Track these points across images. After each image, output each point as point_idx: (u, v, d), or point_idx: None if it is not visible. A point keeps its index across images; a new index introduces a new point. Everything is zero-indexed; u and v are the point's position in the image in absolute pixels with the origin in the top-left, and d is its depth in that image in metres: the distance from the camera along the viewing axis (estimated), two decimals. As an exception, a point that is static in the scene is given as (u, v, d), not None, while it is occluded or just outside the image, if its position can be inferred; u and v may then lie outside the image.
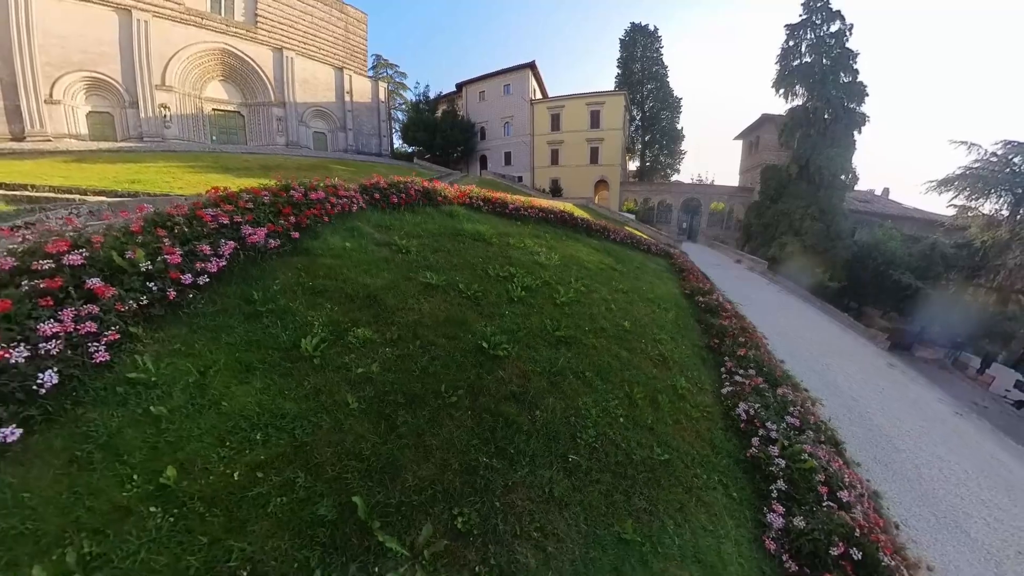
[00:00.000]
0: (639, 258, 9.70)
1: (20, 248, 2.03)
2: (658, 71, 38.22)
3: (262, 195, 3.19)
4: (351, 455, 1.74)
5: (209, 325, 2.11)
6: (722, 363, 4.56)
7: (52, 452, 1.48)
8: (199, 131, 24.24)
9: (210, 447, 1.56)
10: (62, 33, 19.40)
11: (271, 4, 26.66)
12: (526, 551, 1.68)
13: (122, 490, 1.37)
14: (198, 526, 1.33)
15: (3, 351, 1.58)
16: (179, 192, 9.00)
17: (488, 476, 1.92)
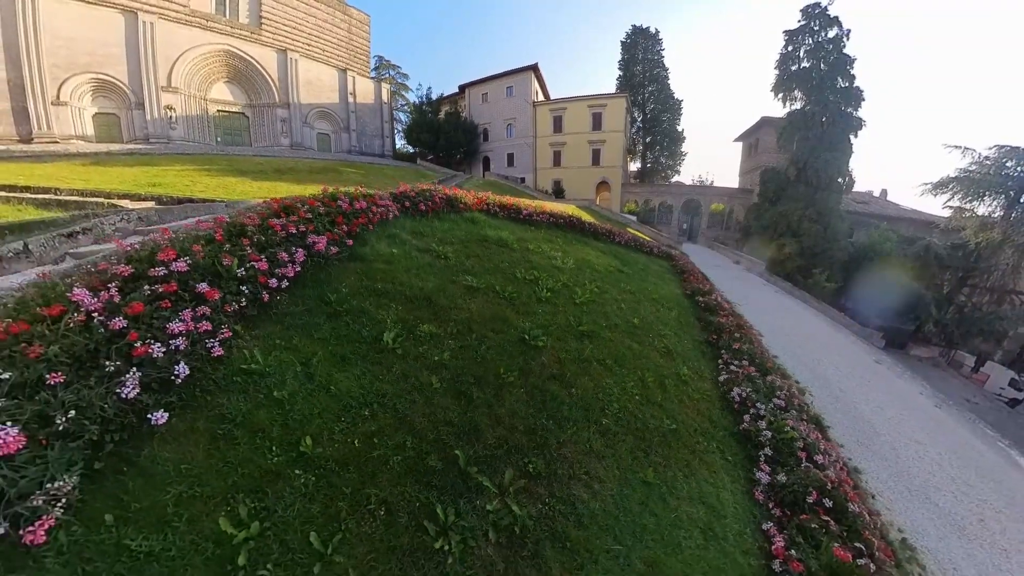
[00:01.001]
0: (643, 260, 10.12)
1: (133, 256, 2.31)
2: (659, 73, 38.50)
3: (316, 206, 3.47)
4: (443, 422, 2.18)
5: (299, 323, 2.41)
6: (719, 355, 5.15)
7: (196, 432, 1.76)
8: (204, 132, 24.43)
9: (330, 422, 1.89)
10: (69, 35, 19.54)
11: (275, 6, 26.89)
12: (579, 488, 2.23)
13: (267, 458, 1.67)
14: (338, 481, 1.66)
15: (145, 347, 1.86)
16: (200, 195, 9.24)
17: (544, 435, 2.46)
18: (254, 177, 11.73)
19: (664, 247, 14.84)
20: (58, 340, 1.72)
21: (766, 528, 2.70)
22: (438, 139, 32.25)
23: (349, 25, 31.66)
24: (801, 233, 19.50)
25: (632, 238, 11.66)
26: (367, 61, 34.47)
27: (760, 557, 2.52)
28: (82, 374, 1.73)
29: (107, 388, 1.70)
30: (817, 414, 4.77)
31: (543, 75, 34.56)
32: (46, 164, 12.01)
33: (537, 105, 33.13)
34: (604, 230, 10.32)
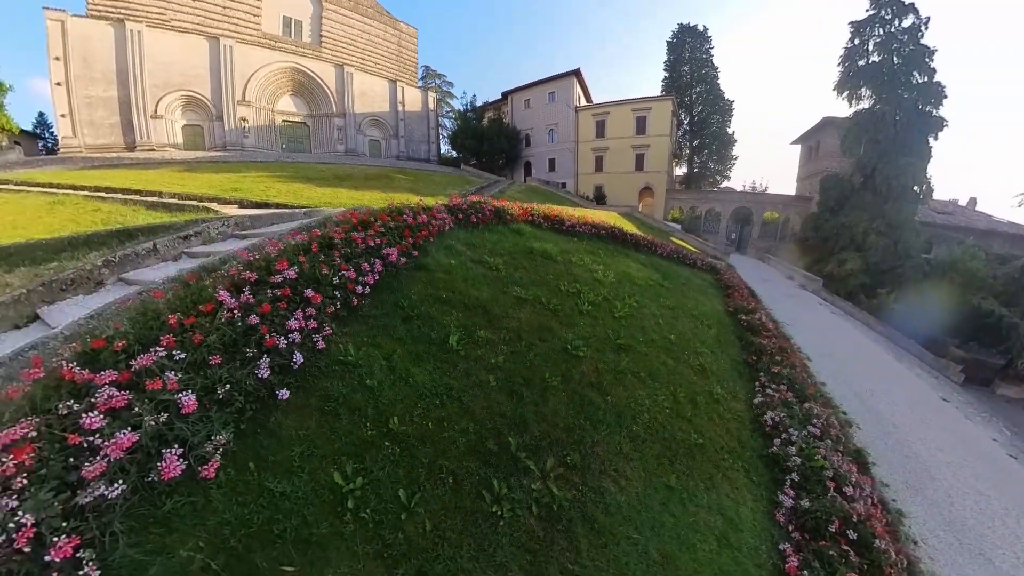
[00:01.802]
0: (685, 273, 9.98)
1: (254, 264, 2.91)
2: (708, 73, 36.99)
3: (387, 220, 4.00)
4: (498, 414, 2.59)
5: (380, 325, 2.91)
6: (757, 377, 5.12)
7: (309, 407, 2.26)
8: (272, 140, 27.07)
9: (410, 407, 2.35)
10: (166, 60, 22.61)
11: (334, 25, 29.31)
12: (608, 482, 2.56)
13: (364, 431, 2.14)
14: (418, 453, 2.10)
15: (273, 339, 2.40)
16: (274, 199, 10.46)
17: (581, 434, 2.79)
18: (318, 183, 13.01)
19: (708, 259, 14.39)
20: (214, 331, 2.28)
21: (782, 548, 2.77)
22: (481, 145, 33.34)
23: (399, 39, 33.74)
24: (866, 247, 17.95)
25: (675, 249, 11.52)
26: (415, 71, 36.39)
27: (772, 573, 2.61)
28: (229, 358, 2.28)
29: (248, 369, 2.24)
30: (860, 448, 4.62)
31: (585, 80, 34.61)
32: (150, 170, 14.06)
33: (579, 110, 33.19)
34: (646, 241, 10.34)
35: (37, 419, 1.80)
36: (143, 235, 4.98)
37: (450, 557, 1.88)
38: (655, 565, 2.22)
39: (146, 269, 4.51)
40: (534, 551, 2.04)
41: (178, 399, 1.92)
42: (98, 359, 2.09)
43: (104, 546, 1.62)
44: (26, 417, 1.81)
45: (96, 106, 21.16)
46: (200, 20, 23.49)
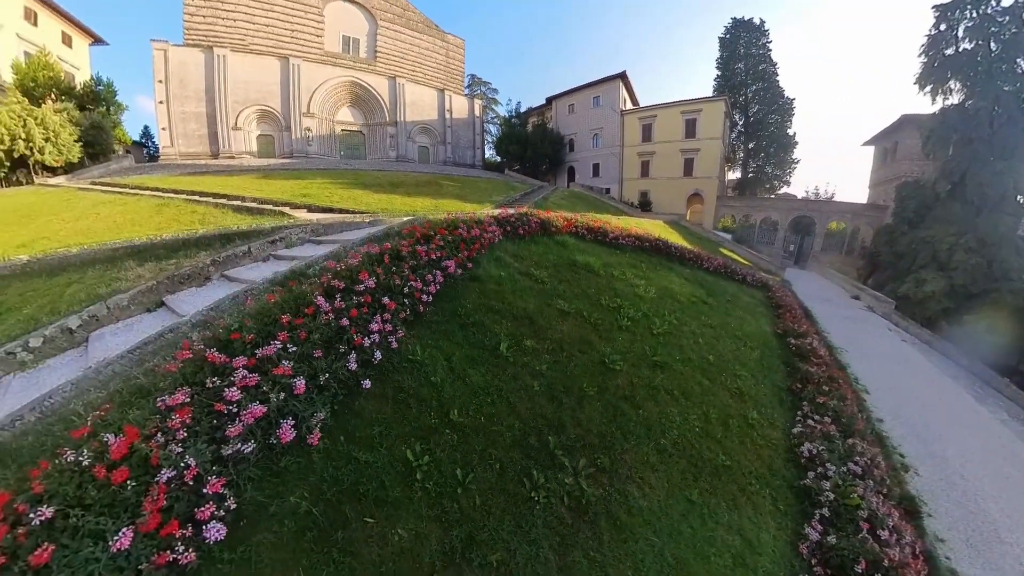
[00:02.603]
0: (732, 290, 9.65)
1: (341, 273, 3.49)
2: (765, 70, 34.80)
3: (445, 234, 4.51)
4: (540, 416, 2.95)
5: (441, 330, 3.37)
6: (799, 406, 4.92)
7: (385, 396, 2.74)
8: (331, 148, 29.47)
9: (467, 402, 2.80)
10: (245, 79, 25.49)
11: (387, 41, 31.50)
12: (633, 487, 2.79)
13: (429, 419, 2.59)
14: (472, 442, 2.53)
15: (360, 339, 2.91)
16: (337, 204, 11.61)
17: (612, 441, 3.05)
18: (374, 190, 14.17)
19: (759, 275, 13.62)
20: (316, 330, 2.83)
21: (801, 579, 2.74)
22: (525, 150, 33.95)
23: (447, 50, 35.49)
24: (952, 266, 15.90)
25: (723, 264, 11.17)
26: (462, 80, 37.93)
27: (786, 600, 2.60)
28: (327, 352, 2.82)
29: (341, 363, 2.76)
30: (913, 496, 4.30)
31: (631, 82, 34.05)
32: (233, 177, 16.02)
33: (625, 113, 32.75)
34: (691, 255, 10.20)
35: (189, 389, 2.40)
36: (239, 239, 5.90)
37: (494, 528, 2.25)
38: (668, 567, 2.41)
39: (242, 268, 5.36)
40: (563, 534, 2.35)
41: (292, 383, 2.47)
42: (231, 347, 2.70)
43: (239, 487, 2.17)
44: (181, 387, 2.42)
45: (189, 120, 24.38)
46: (273, 43, 26.36)
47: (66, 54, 23.86)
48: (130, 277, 5.15)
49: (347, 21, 29.69)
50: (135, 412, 2.34)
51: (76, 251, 6.16)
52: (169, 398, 2.31)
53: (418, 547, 2.07)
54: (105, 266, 5.50)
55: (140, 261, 5.60)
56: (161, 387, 2.51)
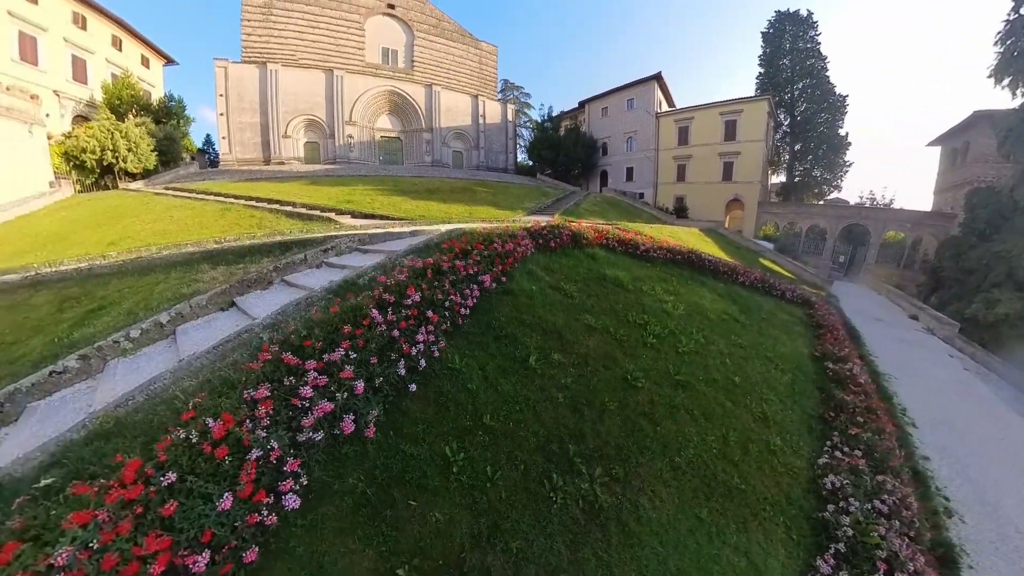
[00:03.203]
0: (768, 306, 9.30)
1: (390, 287, 3.95)
2: (813, 65, 32.63)
3: (481, 249, 4.90)
4: (562, 425, 3.23)
5: (476, 341, 3.76)
6: (829, 436, 4.74)
7: (428, 399, 3.15)
8: (371, 154, 31.06)
9: (498, 409, 3.16)
10: (293, 91, 27.53)
11: (423, 51, 32.89)
12: (644, 499, 2.98)
13: (465, 421, 2.98)
14: (501, 444, 2.89)
15: (408, 348, 3.34)
16: (379, 211, 12.42)
17: (627, 454, 3.26)
18: (412, 196, 14.99)
19: (802, 289, 12.89)
20: (373, 340, 3.29)
21: (807, 611, 2.68)
22: (557, 155, 34.03)
23: (480, 57, 36.54)
24: None
25: (759, 277, 10.88)
26: (495, 86, 38.81)
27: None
28: (380, 359, 3.26)
29: (392, 368, 3.20)
30: (954, 543, 3.99)
31: (667, 84, 33.33)
32: (284, 183, 17.42)
33: (660, 116, 32.09)
34: (725, 268, 10.03)
35: (270, 385, 2.90)
36: (296, 247, 6.60)
37: (516, 520, 2.57)
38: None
39: (299, 274, 6.02)
40: (575, 533, 2.62)
41: (353, 385, 2.92)
42: (303, 351, 3.20)
43: (310, 468, 2.62)
44: (263, 383, 2.92)
45: (245, 129, 26.66)
46: (319, 57, 28.48)
47: (144, 74, 27.02)
48: (205, 279, 5.94)
49: (386, 34, 31.41)
50: (226, 401, 2.86)
51: (161, 254, 7.13)
52: (254, 391, 2.81)
53: (451, 529, 2.43)
54: (184, 269, 6.36)
55: (213, 265, 6.42)
56: (246, 381, 3.03)
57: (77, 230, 12.21)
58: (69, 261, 8.91)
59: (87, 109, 21.81)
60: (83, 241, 11.03)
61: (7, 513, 2.24)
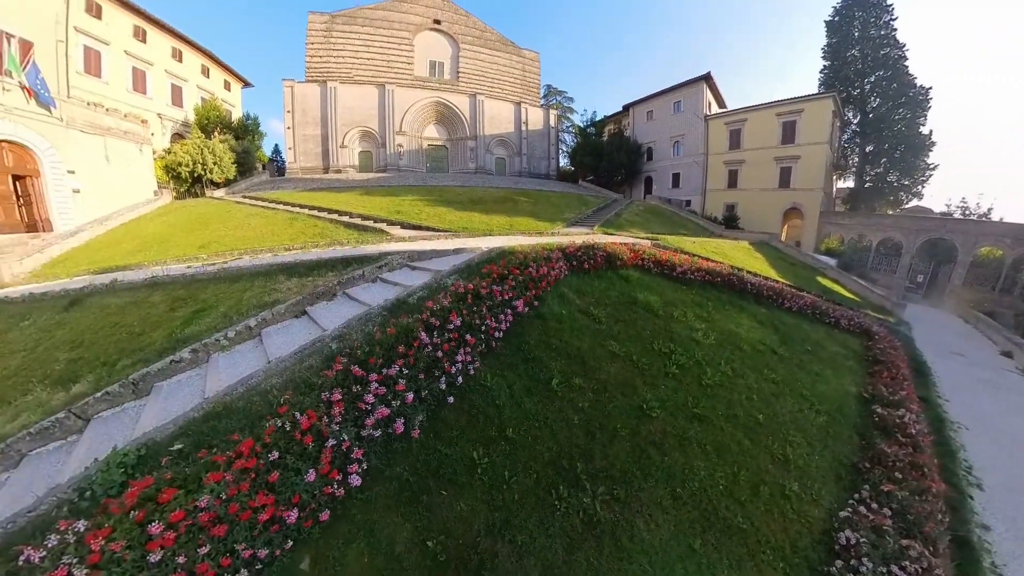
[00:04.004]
0: (816, 337, 8.69)
1: (435, 311, 4.67)
2: (888, 55, 29.36)
3: (517, 274, 5.50)
4: (574, 445, 3.69)
5: (507, 362, 4.35)
6: (859, 489, 4.44)
7: (462, 410, 3.80)
8: (419, 161, 32.95)
9: (520, 424, 3.72)
10: (350, 106, 30.09)
11: (468, 62, 34.48)
12: (640, 521, 3.27)
13: (491, 432, 3.59)
14: (519, 454, 3.44)
15: (449, 366, 4.02)
16: (425, 223, 13.52)
17: (631, 479, 3.58)
18: (456, 207, 16.05)
19: (862, 316, 11.82)
20: (421, 359, 4.00)
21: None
22: (600, 161, 33.96)
23: (523, 65, 37.52)
24: None
25: (809, 303, 10.23)
26: (538, 92, 39.56)
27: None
28: (427, 374, 3.96)
29: (435, 383, 3.89)
30: None
31: (717, 85, 31.95)
32: (342, 193, 19.22)
33: (710, 119, 30.84)
34: (770, 292, 9.61)
35: (341, 390, 3.67)
36: (356, 263, 7.60)
37: (524, 519, 3.07)
38: (656, 594, 2.83)
39: (358, 288, 6.97)
40: (572, 538, 3.02)
41: (405, 395, 3.63)
42: (367, 365, 3.97)
43: (369, 457, 3.34)
44: (336, 388, 3.70)
45: (308, 141, 29.57)
46: (372, 73, 31.10)
47: (226, 96, 31.14)
48: (283, 289, 7.06)
49: (433, 47, 33.43)
50: (308, 400, 3.67)
51: (247, 265, 8.47)
52: (330, 394, 3.60)
53: (471, 517, 3.02)
54: (265, 279, 7.56)
55: (288, 276, 7.57)
56: (322, 385, 3.84)
57: (176, 234, 14.45)
58: (171, 262, 10.79)
59: (182, 128, 25.90)
60: (181, 243, 13.14)
61: (159, 467, 3.16)
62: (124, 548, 2.42)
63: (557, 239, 11.35)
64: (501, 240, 10.81)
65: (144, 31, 23.52)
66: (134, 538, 2.48)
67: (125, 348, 5.87)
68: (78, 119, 15.89)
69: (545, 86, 49.73)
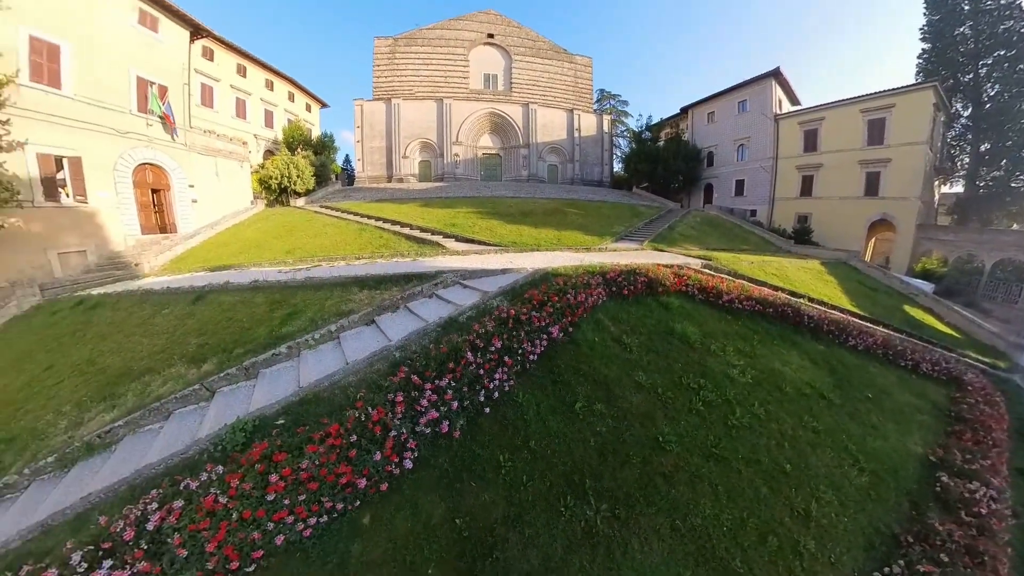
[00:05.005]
0: (884, 382, 7.68)
1: (480, 333, 5.55)
2: (1012, 29, 23.99)
3: (556, 301, 6.21)
4: (586, 463, 4.24)
5: (538, 383, 5.08)
6: (891, 563, 4.02)
7: (495, 420, 4.59)
8: (474, 170, 34.79)
9: (541, 438, 4.40)
10: (411, 119, 32.89)
11: (521, 72, 36.01)
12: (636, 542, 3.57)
13: (517, 440, 4.35)
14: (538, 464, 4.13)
15: (488, 382, 4.86)
16: (478, 236, 14.67)
17: (634, 503, 3.92)
18: (507, 220, 17.11)
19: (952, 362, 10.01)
20: (466, 375, 4.88)
21: None
22: (655, 168, 33.21)
23: (575, 71, 38.00)
24: None
25: (882, 341, 8.97)
26: (591, 98, 39.75)
27: None
28: (469, 388, 4.83)
29: (476, 396, 4.75)
30: None
31: (788, 81, 29.34)
32: (403, 204, 21.20)
33: (780, 118, 28.59)
34: (831, 326, 8.69)
35: (403, 394, 4.65)
36: (416, 280, 8.79)
37: (534, 517, 3.63)
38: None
39: (417, 303, 8.11)
40: (571, 542, 3.47)
41: (451, 403, 4.53)
42: (424, 375, 4.94)
43: (419, 448, 4.26)
44: (399, 391, 4.69)
45: (374, 153, 32.78)
46: (431, 89, 34.05)
47: (307, 116, 36.21)
48: (356, 300, 8.41)
49: (487, 61, 35.37)
50: (377, 398, 4.68)
51: (326, 274, 10.09)
52: (394, 396, 4.59)
53: (492, 508, 3.75)
54: (343, 290, 9.01)
55: (360, 288, 8.95)
56: (388, 387, 4.84)
57: (268, 239, 17.05)
58: (266, 265, 12.97)
59: (272, 145, 30.87)
60: (272, 248, 15.55)
61: (270, 436, 4.32)
62: (251, 488, 3.55)
63: (601, 258, 11.77)
64: (547, 257, 11.48)
65: (245, 67, 28.95)
66: (257, 483, 3.63)
67: (238, 339, 7.38)
68: (197, 144, 19.46)
69: (598, 90, 49.64)
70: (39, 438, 5.74)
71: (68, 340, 9.12)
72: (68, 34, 14.04)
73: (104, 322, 9.73)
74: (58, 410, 6.21)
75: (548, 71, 36.84)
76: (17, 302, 11.20)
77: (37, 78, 13.25)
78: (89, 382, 6.80)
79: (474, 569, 3.26)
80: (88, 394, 6.41)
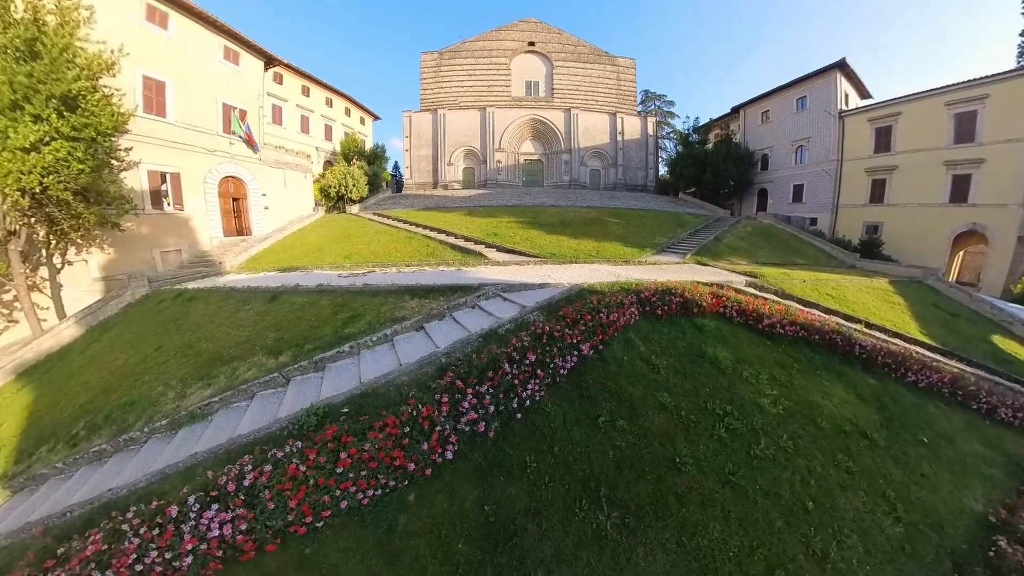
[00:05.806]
0: (946, 426, 6.89)
1: (517, 347, 6.26)
2: None
3: (588, 319, 6.77)
4: (602, 473, 4.73)
5: (566, 396, 5.69)
6: None
7: (524, 426, 5.27)
8: (516, 176, 35.77)
9: (564, 446, 4.99)
10: (455, 128, 34.68)
11: (562, 78, 36.53)
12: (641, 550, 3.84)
13: (543, 445, 5.00)
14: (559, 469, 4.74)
15: (521, 392, 5.56)
16: (519, 247, 15.45)
17: (644, 515, 4.22)
18: (547, 230, 17.75)
19: None
20: (503, 384, 5.62)
21: None
22: (703, 172, 31.83)
23: (617, 73, 37.75)
24: None
25: (950, 379, 7.86)
26: (634, 100, 39.27)
27: None
28: (505, 395, 5.55)
29: (510, 402, 5.46)
30: None
31: (855, 73, 26.44)
32: (448, 213, 22.52)
33: (846, 115, 25.99)
34: (887, 358, 7.84)
35: (448, 396, 5.46)
36: (460, 292, 9.70)
37: (551, 514, 4.02)
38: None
39: (461, 312, 8.98)
40: (581, 540, 3.85)
41: (488, 407, 5.27)
42: (467, 381, 5.72)
43: (459, 443, 5.03)
44: (444, 393, 5.51)
45: (421, 160, 34.85)
46: (475, 99, 35.71)
47: (361, 128, 39.60)
48: (408, 307, 9.46)
49: (528, 68, 36.37)
50: (426, 397, 5.51)
51: (380, 282, 11.32)
52: (440, 397, 5.40)
53: (516, 501, 4.35)
54: (396, 297, 10.12)
55: (411, 297, 10.01)
56: (436, 389, 5.67)
57: (328, 244, 18.91)
58: (327, 268, 14.58)
59: (331, 156, 34.24)
60: (332, 252, 17.30)
61: (339, 421, 5.25)
62: (324, 462, 4.48)
63: (639, 273, 12.03)
64: (584, 271, 11.93)
65: (308, 88, 32.49)
66: (329, 457, 4.57)
67: (308, 336, 8.56)
68: (269, 158, 22.07)
69: (642, 92, 48.60)
70: (153, 404, 7.02)
71: (171, 326, 10.91)
72: (170, 72, 16.98)
73: (199, 313, 11.54)
74: (167, 383, 7.46)
75: (590, 75, 37.07)
76: (131, 291, 13.64)
77: (148, 109, 16.11)
78: (189, 363, 8.07)
79: (496, 549, 3.90)
80: (189, 372, 7.64)
